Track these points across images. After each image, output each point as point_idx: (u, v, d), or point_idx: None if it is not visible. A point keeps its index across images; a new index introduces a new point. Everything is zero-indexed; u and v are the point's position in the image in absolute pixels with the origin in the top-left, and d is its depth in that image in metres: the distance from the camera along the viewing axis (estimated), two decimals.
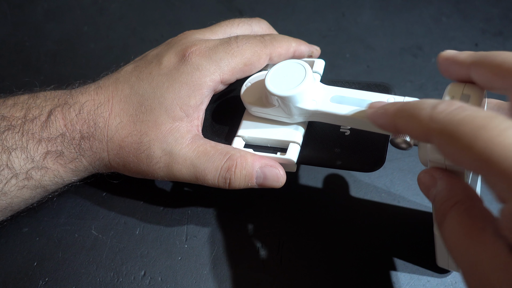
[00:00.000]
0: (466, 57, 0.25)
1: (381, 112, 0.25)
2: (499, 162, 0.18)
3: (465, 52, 0.26)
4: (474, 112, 0.20)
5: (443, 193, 0.23)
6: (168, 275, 0.32)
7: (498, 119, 0.19)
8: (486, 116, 0.19)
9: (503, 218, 0.19)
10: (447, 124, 0.20)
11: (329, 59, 0.45)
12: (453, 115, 0.20)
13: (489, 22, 0.48)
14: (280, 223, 0.34)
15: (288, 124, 0.32)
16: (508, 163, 0.18)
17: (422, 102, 0.22)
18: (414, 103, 0.22)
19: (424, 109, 0.21)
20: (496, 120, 0.19)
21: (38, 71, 0.47)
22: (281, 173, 0.30)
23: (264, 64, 0.33)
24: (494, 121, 0.19)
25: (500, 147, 0.18)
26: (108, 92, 0.32)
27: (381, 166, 0.29)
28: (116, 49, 0.48)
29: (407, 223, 0.34)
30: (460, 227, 0.21)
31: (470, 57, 0.25)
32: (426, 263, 0.32)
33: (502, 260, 0.19)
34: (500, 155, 0.18)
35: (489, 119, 0.19)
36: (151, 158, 0.31)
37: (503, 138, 0.18)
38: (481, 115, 0.19)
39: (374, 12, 0.50)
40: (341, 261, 0.32)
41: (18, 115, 0.31)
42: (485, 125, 0.19)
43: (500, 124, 0.19)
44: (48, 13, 0.52)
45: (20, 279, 0.32)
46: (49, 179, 0.31)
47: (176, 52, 0.32)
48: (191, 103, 0.31)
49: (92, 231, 0.35)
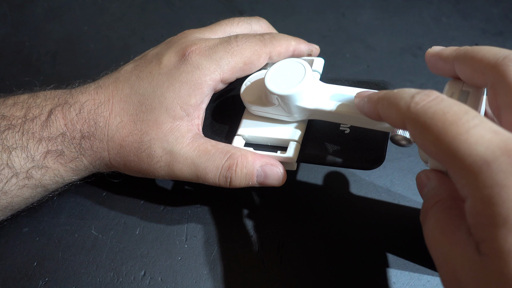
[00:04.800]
0: (450, 53, 0.26)
1: (366, 100, 0.26)
2: (462, 158, 0.19)
3: (449, 48, 0.26)
4: (447, 106, 0.20)
5: (430, 192, 0.24)
6: (168, 275, 0.32)
7: (468, 116, 0.20)
8: (457, 112, 0.20)
9: (467, 214, 0.20)
10: (421, 115, 0.21)
11: (329, 59, 0.45)
12: (428, 107, 0.21)
13: (489, 22, 0.48)
14: (280, 223, 0.34)
15: (288, 122, 0.32)
16: (470, 160, 0.19)
17: (402, 92, 0.23)
18: (395, 92, 0.23)
19: (403, 98, 0.22)
20: (467, 116, 0.20)
21: (38, 71, 0.47)
22: (282, 171, 0.30)
23: (263, 63, 0.33)
24: (464, 117, 0.19)
25: (466, 144, 0.19)
26: (108, 92, 0.32)
27: (381, 163, 0.29)
28: (116, 49, 0.48)
29: (408, 223, 0.34)
30: (437, 224, 0.22)
31: (453, 52, 0.25)
32: (426, 263, 0.32)
33: (469, 257, 0.19)
34: (464, 152, 0.19)
35: (460, 114, 0.20)
36: (152, 157, 0.31)
37: (470, 135, 0.19)
38: (453, 110, 0.20)
39: (374, 12, 0.50)
40: (341, 260, 0.32)
41: (18, 115, 0.31)
42: (455, 120, 0.20)
43: (469, 121, 0.19)
44: (48, 13, 0.52)
45: (20, 279, 0.32)
46: (50, 178, 0.31)
47: (176, 51, 0.32)
48: (191, 102, 0.31)
49: (92, 231, 0.35)
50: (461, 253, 0.20)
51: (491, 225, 0.18)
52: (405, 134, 0.26)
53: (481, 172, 0.18)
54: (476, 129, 0.19)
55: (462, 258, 0.20)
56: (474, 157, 0.19)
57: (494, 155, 0.18)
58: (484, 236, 0.19)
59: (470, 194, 0.19)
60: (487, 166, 0.18)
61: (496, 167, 0.18)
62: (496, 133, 0.19)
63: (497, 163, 0.18)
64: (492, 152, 0.18)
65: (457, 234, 0.21)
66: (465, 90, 0.25)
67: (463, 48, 0.25)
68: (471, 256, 0.19)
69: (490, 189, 0.18)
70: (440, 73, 0.27)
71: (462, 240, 0.20)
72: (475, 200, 0.19)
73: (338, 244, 0.33)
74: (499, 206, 0.18)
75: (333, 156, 0.30)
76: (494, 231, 0.18)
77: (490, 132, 0.19)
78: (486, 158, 0.18)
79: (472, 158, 0.19)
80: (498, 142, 0.19)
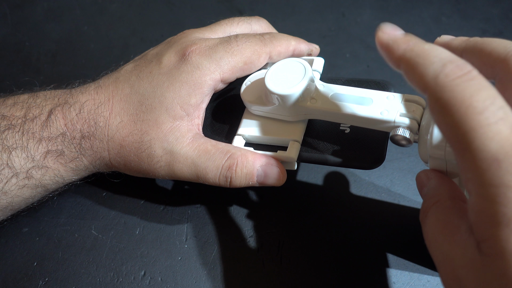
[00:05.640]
0: (459, 43, 0.25)
1: (391, 44, 0.22)
2: (475, 152, 0.18)
3: (459, 38, 0.25)
4: (476, 90, 0.19)
5: (430, 192, 0.24)
6: (168, 275, 0.32)
7: (494, 107, 0.18)
8: (484, 99, 0.18)
9: (469, 212, 0.20)
10: (446, 91, 0.19)
11: (329, 59, 0.45)
12: (456, 84, 0.19)
13: (489, 22, 0.48)
14: (280, 223, 0.34)
15: (288, 122, 0.32)
16: (482, 155, 0.18)
17: (433, 55, 0.20)
18: (426, 52, 0.21)
19: (433, 63, 0.20)
20: (492, 107, 0.18)
21: (38, 71, 0.47)
22: (282, 171, 0.30)
23: (264, 62, 0.33)
24: (490, 109, 0.18)
25: (482, 138, 0.18)
26: (108, 92, 0.32)
27: (381, 163, 0.29)
28: (116, 49, 0.48)
29: (408, 223, 0.34)
30: (437, 224, 0.22)
31: (462, 43, 0.25)
32: (426, 263, 0.32)
33: (469, 257, 0.19)
34: (478, 146, 0.18)
35: (486, 103, 0.18)
36: (152, 157, 0.31)
37: (489, 129, 0.18)
38: (481, 95, 0.18)
39: (374, 12, 0.50)
40: (341, 260, 0.32)
41: (18, 115, 0.31)
42: (480, 111, 0.18)
43: (493, 115, 0.18)
44: (48, 13, 0.52)
45: (20, 279, 0.32)
46: (50, 178, 0.31)
47: (176, 51, 0.32)
48: (191, 102, 0.31)
49: (92, 231, 0.35)
50: (461, 253, 0.20)
51: (494, 225, 0.18)
52: (405, 134, 0.26)
53: (489, 170, 0.18)
54: (497, 124, 0.18)
55: (463, 257, 0.20)
56: (486, 153, 0.18)
57: (507, 155, 0.18)
58: (486, 235, 0.18)
59: (474, 190, 0.19)
60: (497, 165, 0.18)
61: (506, 167, 0.17)
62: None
63: (507, 163, 0.17)
64: (505, 152, 0.18)
65: (457, 233, 0.21)
66: None
67: (473, 39, 0.24)
68: (471, 256, 0.19)
69: (496, 188, 0.18)
70: None
71: (462, 240, 0.20)
72: (479, 197, 0.18)
73: (338, 244, 0.33)
74: (503, 206, 0.17)
75: (333, 156, 0.30)
76: (496, 230, 0.18)
77: (509, 129, 0.18)
78: (497, 156, 0.18)
79: (483, 154, 0.18)
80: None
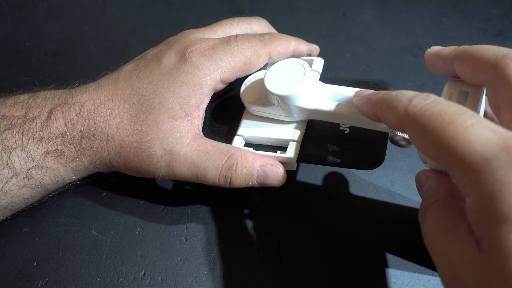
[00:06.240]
0: (449, 52, 0.26)
1: (365, 100, 0.26)
2: (462, 157, 0.19)
3: (449, 48, 0.26)
4: (445, 108, 0.20)
5: (429, 191, 0.24)
6: (168, 275, 0.32)
7: (466, 115, 0.20)
8: (454, 112, 0.20)
9: (468, 213, 0.20)
10: (419, 118, 0.21)
11: (329, 59, 0.45)
12: (425, 109, 0.21)
13: (489, 22, 0.48)
14: (280, 223, 0.34)
15: (288, 122, 0.32)
16: (470, 158, 0.19)
17: (400, 94, 0.23)
18: (394, 94, 0.23)
19: (401, 101, 0.22)
20: (464, 116, 0.20)
21: (38, 71, 0.47)
22: (282, 171, 0.30)
23: (263, 63, 0.33)
24: (462, 117, 0.20)
25: (464, 143, 0.19)
26: (108, 92, 0.32)
27: (380, 163, 0.29)
28: (116, 49, 0.48)
29: (407, 222, 0.34)
30: (436, 223, 0.22)
31: (452, 52, 0.26)
32: (426, 263, 0.32)
33: (469, 255, 0.19)
34: (464, 151, 0.19)
35: (457, 114, 0.20)
36: (152, 157, 0.31)
37: (468, 134, 0.19)
38: (451, 110, 0.20)
39: (374, 12, 0.50)
40: (341, 260, 0.32)
41: (18, 115, 0.31)
42: (453, 121, 0.20)
43: (466, 121, 0.19)
44: (48, 13, 0.52)
45: (20, 279, 0.32)
46: (50, 178, 0.31)
47: (176, 51, 0.32)
48: (191, 102, 0.31)
49: (92, 231, 0.35)
50: (460, 251, 0.20)
51: (493, 222, 0.18)
52: (404, 134, 0.26)
53: (481, 170, 0.18)
54: (474, 128, 0.19)
55: (462, 256, 0.20)
56: (473, 155, 0.19)
57: (493, 153, 0.18)
58: (486, 234, 0.19)
59: (471, 192, 0.19)
60: (487, 164, 0.18)
61: (496, 164, 0.18)
62: (494, 131, 0.19)
63: (496, 160, 0.18)
64: (491, 150, 0.18)
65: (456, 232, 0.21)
66: (464, 90, 0.25)
67: (462, 47, 0.25)
68: (471, 254, 0.19)
69: (491, 186, 0.18)
70: (440, 73, 0.27)
71: (461, 238, 0.20)
72: (476, 197, 0.19)
73: (338, 244, 0.33)
74: (500, 203, 0.18)
75: (333, 156, 0.30)
76: (495, 228, 0.18)
77: (488, 130, 0.19)
78: (485, 156, 0.18)
79: (471, 157, 0.19)
80: (496, 139, 0.19)
